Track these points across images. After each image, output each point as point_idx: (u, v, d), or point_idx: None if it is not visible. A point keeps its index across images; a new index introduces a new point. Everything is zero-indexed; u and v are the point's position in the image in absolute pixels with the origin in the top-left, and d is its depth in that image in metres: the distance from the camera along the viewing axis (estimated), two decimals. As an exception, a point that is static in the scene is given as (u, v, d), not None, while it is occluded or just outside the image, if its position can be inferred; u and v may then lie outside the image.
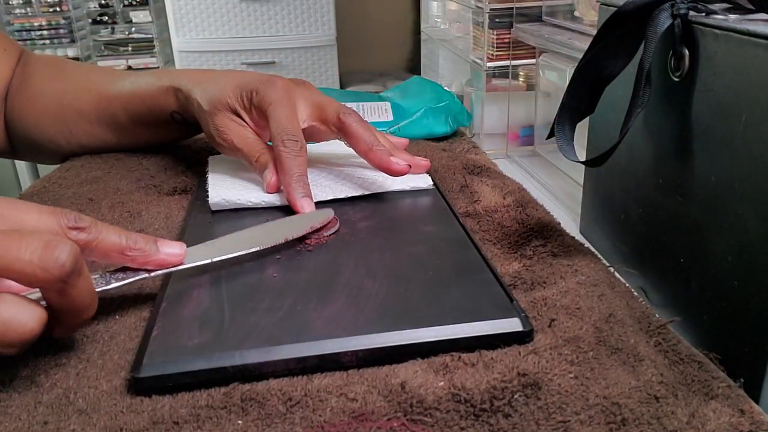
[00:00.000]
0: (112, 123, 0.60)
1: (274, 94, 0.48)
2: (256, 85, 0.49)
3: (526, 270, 0.40)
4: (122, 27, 2.27)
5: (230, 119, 0.50)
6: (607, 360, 0.31)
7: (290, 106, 0.48)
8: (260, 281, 0.37)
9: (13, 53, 0.64)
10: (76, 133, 0.61)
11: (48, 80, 0.62)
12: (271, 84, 0.49)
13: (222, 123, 0.50)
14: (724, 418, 0.28)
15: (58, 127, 0.61)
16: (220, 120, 0.50)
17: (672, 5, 0.36)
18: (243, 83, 0.50)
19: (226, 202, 0.47)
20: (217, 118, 0.50)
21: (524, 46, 0.95)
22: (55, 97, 0.61)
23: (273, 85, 0.49)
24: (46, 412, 0.29)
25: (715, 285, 0.36)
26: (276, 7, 2.07)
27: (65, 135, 0.61)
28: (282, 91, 0.49)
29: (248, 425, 0.28)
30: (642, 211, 0.44)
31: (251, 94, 0.49)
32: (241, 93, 0.50)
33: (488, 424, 0.27)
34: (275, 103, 0.48)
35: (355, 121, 0.48)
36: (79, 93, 0.60)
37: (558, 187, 0.80)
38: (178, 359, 0.30)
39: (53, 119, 0.61)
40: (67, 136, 0.61)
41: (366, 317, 0.33)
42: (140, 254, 0.34)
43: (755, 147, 0.32)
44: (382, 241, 0.42)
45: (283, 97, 0.48)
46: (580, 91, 0.41)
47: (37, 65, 0.64)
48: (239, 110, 0.50)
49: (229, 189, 0.48)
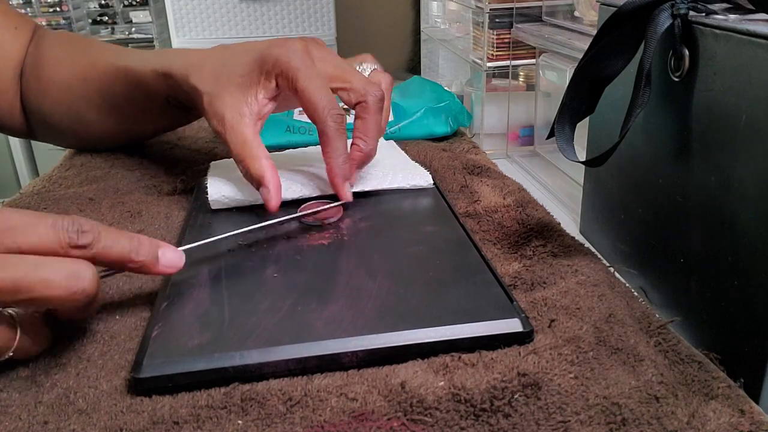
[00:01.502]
0: (114, 108, 0.59)
1: (299, 61, 0.44)
2: (276, 52, 0.45)
3: (526, 270, 0.40)
4: (122, 27, 2.27)
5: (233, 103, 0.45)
6: (607, 360, 0.31)
7: (319, 74, 0.44)
8: (260, 281, 0.37)
9: (26, 31, 0.62)
10: (88, 121, 0.60)
11: (58, 65, 0.60)
12: (292, 50, 0.45)
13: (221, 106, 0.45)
14: (724, 418, 0.28)
15: (72, 116, 0.60)
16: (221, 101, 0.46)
17: (672, 5, 0.36)
18: (258, 53, 0.45)
19: (226, 199, 0.47)
20: (218, 99, 0.46)
21: (524, 46, 0.95)
22: (65, 85, 0.60)
23: (294, 51, 0.45)
24: (46, 412, 0.29)
25: (715, 285, 0.36)
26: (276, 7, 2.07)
27: (80, 123, 0.61)
28: (306, 57, 0.45)
29: (248, 425, 0.28)
30: (642, 211, 0.44)
31: (272, 63, 0.45)
32: (259, 63, 0.45)
33: (488, 424, 0.27)
34: (304, 72, 0.44)
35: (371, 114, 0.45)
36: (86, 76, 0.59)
37: (558, 187, 0.80)
38: (179, 360, 0.30)
39: (66, 107, 0.60)
40: (82, 124, 0.61)
41: (366, 318, 0.33)
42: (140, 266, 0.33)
43: (755, 147, 0.32)
44: (383, 242, 0.42)
45: (309, 63, 0.44)
46: (580, 91, 0.41)
47: (48, 46, 0.62)
48: (253, 84, 0.45)
49: (229, 186, 0.48)
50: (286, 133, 0.65)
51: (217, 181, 0.49)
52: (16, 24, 0.62)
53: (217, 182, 0.48)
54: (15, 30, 0.62)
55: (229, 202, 0.47)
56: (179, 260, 0.35)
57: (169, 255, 0.34)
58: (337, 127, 0.43)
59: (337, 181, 0.44)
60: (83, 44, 0.63)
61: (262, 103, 0.46)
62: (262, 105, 0.46)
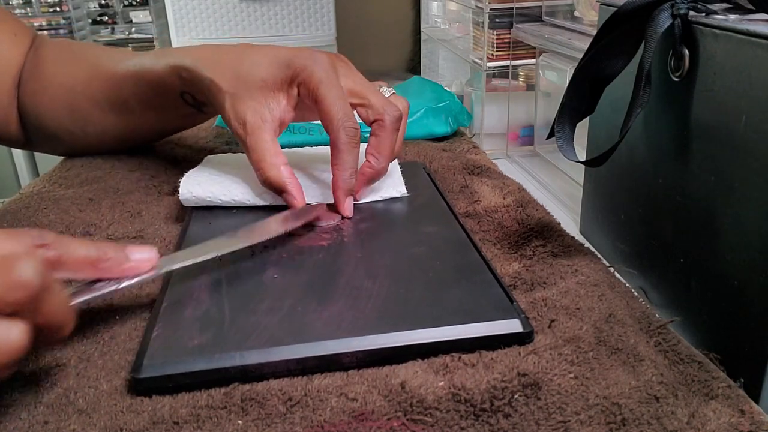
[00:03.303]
0: (123, 109, 0.58)
1: (323, 73, 0.44)
2: (302, 61, 0.45)
3: (526, 270, 0.40)
4: (122, 27, 2.26)
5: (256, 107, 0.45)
6: (607, 360, 0.31)
7: (339, 86, 0.44)
8: (261, 282, 0.37)
9: (25, 38, 0.62)
10: (91, 122, 0.59)
11: (59, 66, 0.60)
12: (318, 61, 0.45)
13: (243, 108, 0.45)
14: (724, 418, 0.28)
15: (72, 116, 0.59)
16: (243, 104, 0.45)
17: (672, 5, 0.36)
18: (283, 59, 0.45)
19: (194, 198, 0.46)
20: (240, 101, 0.45)
21: (524, 46, 0.95)
22: (68, 85, 0.59)
23: (320, 62, 0.45)
24: (46, 412, 0.29)
25: (715, 285, 0.36)
26: (276, 7, 2.07)
27: (80, 124, 0.60)
28: (331, 70, 0.45)
29: (248, 425, 0.28)
30: (642, 211, 0.44)
31: (296, 70, 0.45)
32: (283, 70, 0.45)
33: (488, 424, 0.27)
34: (326, 83, 0.44)
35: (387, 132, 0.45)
36: (90, 79, 0.58)
37: (558, 187, 0.80)
38: (179, 360, 0.30)
39: (67, 108, 0.59)
40: (83, 126, 0.60)
41: (366, 318, 0.33)
42: (112, 264, 0.32)
43: (755, 147, 0.32)
44: (382, 242, 0.42)
45: (333, 76, 0.45)
46: (580, 91, 0.41)
47: (49, 51, 0.61)
48: (275, 90, 0.45)
49: (201, 185, 0.47)
50: (287, 133, 0.65)
51: (192, 178, 0.48)
52: (16, 31, 0.61)
53: (192, 180, 0.48)
54: (14, 37, 0.61)
55: (198, 201, 0.47)
56: (149, 253, 0.34)
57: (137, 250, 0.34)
58: (348, 141, 0.43)
59: (340, 194, 0.44)
60: (84, 48, 0.63)
61: (284, 110, 0.46)
62: (284, 112, 0.46)
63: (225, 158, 0.55)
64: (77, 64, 0.60)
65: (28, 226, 0.47)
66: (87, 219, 0.48)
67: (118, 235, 0.46)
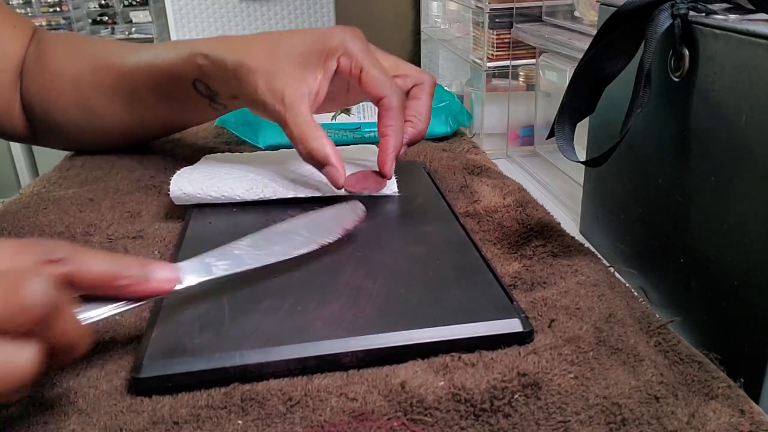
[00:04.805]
0: (133, 99, 0.57)
1: (362, 44, 0.46)
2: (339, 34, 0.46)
3: (526, 270, 0.40)
4: (122, 27, 2.27)
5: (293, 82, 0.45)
6: (607, 360, 0.31)
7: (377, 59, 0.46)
8: (260, 282, 0.37)
9: (25, 30, 0.61)
10: (99, 114, 0.59)
11: (65, 58, 0.59)
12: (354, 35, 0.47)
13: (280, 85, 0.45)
14: (724, 418, 0.28)
15: (80, 108, 0.59)
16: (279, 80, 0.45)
17: (672, 5, 0.36)
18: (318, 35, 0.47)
19: (185, 195, 0.46)
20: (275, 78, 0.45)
21: (524, 46, 0.95)
22: (74, 75, 0.58)
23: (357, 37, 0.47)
24: (46, 412, 0.29)
25: (715, 285, 0.36)
26: (276, 7, 2.07)
27: (87, 116, 0.59)
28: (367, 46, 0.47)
29: (248, 425, 0.28)
30: (642, 211, 0.44)
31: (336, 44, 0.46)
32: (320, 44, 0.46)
33: (488, 424, 0.27)
34: (368, 55, 0.46)
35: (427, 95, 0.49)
36: (98, 70, 0.58)
37: (558, 187, 0.80)
38: (179, 360, 0.30)
39: (74, 99, 0.59)
40: (90, 117, 0.59)
41: (366, 318, 0.33)
42: (131, 283, 0.30)
43: (755, 147, 0.32)
44: (382, 242, 0.42)
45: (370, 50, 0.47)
46: (580, 91, 0.41)
47: (52, 43, 0.61)
48: (313, 64, 0.46)
49: (191, 183, 0.47)
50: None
51: (182, 176, 0.48)
52: (15, 23, 0.61)
53: (182, 177, 0.48)
54: (14, 29, 0.61)
55: (188, 199, 0.47)
56: (173, 272, 0.32)
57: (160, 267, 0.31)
58: (399, 105, 0.45)
59: (390, 156, 0.45)
60: (89, 40, 0.62)
61: (321, 84, 0.46)
62: (321, 86, 0.46)
63: (220, 157, 0.55)
64: (83, 55, 0.59)
65: (28, 227, 0.47)
66: (87, 219, 0.48)
67: (117, 235, 0.46)
